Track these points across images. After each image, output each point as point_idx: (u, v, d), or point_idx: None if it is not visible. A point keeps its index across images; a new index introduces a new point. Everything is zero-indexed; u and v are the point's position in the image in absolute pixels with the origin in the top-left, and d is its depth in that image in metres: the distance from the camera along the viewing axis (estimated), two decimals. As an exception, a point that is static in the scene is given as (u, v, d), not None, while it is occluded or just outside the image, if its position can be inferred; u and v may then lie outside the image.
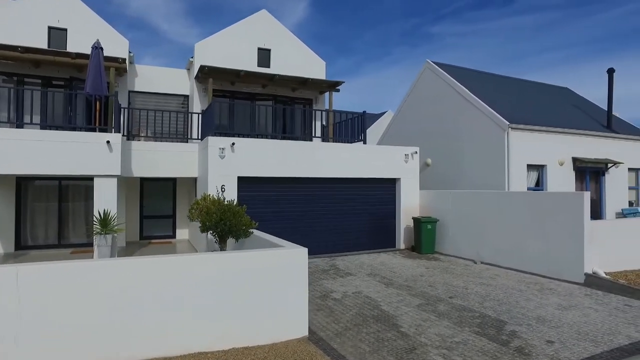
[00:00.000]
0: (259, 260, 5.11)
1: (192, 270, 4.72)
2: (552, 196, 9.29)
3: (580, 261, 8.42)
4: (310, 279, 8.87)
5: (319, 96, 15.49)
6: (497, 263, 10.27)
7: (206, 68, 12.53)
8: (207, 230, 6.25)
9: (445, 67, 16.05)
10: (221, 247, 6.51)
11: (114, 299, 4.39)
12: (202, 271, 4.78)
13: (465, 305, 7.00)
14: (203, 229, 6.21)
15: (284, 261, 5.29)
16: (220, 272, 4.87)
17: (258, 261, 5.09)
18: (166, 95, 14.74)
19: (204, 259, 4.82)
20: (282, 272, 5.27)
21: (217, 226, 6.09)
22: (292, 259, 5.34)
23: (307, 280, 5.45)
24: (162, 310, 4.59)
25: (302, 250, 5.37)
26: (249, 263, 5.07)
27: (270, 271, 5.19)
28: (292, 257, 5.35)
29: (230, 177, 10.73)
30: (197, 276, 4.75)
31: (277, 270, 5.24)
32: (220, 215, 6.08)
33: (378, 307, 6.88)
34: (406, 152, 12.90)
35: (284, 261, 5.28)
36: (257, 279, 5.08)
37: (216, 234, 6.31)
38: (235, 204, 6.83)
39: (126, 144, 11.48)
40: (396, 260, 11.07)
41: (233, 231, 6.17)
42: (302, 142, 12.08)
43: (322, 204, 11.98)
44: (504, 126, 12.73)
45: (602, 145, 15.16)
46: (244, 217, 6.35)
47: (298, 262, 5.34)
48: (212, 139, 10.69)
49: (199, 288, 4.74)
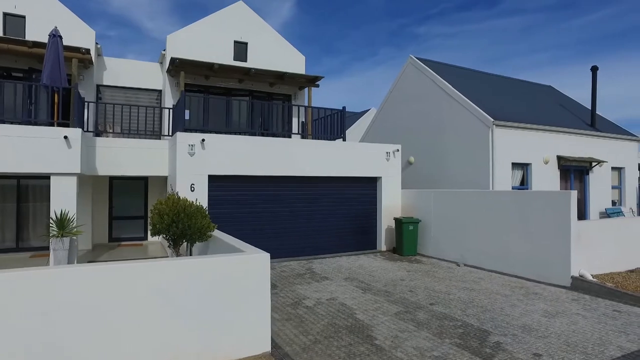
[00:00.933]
0: (213, 267, 4.52)
1: (132, 282, 4.10)
2: (537, 195, 8.89)
3: (567, 264, 8.02)
4: (284, 284, 8.32)
5: (298, 92, 14.91)
6: (481, 265, 9.84)
7: (177, 60, 11.85)
8: (158, 234, 5.60)
9: (429, 63, 15.63)
10: (176, 253, 5.87)
11: (41, 317, 3.76)
12: (145, 282, 4.17)
13: (446, 313, 6.51)
14: (153, 231, 5.56)
15: (243, 268, 4.72)
16: (167, 283, 4.27)
17: (212, 268, 4.51)
18: (138, 90, 13.99)
19: (148, 268, 4.21)
20: (240, 280, 4.69)
21: (169, 229, 5.46)
22: (252, 265, 4.77)
23: (268, 288, 4.89)
24: (96, 330, 3.97)
25: (262, 256, 4.80)
26: (201, 271, 4.48)
27: (227, 280, 4.61)
28: (252, 264, 4.77)
29: (201, 176, 10.11)
30: (139, 288, 4.14)
31: (234, 279, 4.66)
32: (172, 217, 5.44)
33: (353, 316, 6.34)
34: (388, 149, 12.41)
35: (242, 268, 4.70)
36: (212, 289, 4.50)
37: (169, 237, 5.67)
38: (193, 203, 6.19)
39: (91, 140, 10.76)
40: (376, 263, 10.56)
41: (187, 234, 5.54)
42: (278, 138, 11.51)
43: (300, 204, 11.43)
44: (488, 123, 12.34)
45: (586, 144, 14.91)
46: (200, 218, 5.72)
47: (258, 268, 4.77)
48: (180, 134, 10.05)
49: (141, 302, 4.13)
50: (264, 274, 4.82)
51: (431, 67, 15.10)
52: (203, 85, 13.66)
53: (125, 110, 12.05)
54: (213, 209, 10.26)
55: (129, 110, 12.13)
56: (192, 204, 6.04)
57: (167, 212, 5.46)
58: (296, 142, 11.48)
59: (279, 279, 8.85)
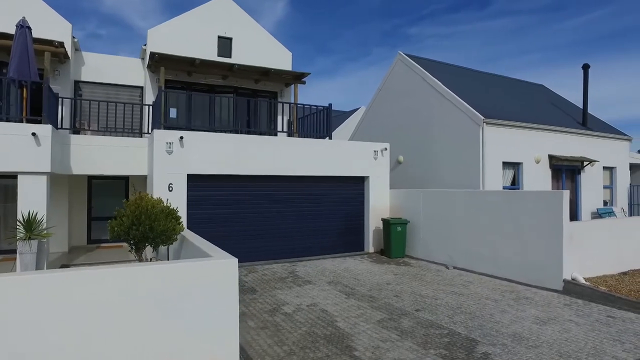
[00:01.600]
0: (170, 274, 4.09)
1: (67, 293, 3.65)
2: (529, 195, 8.56)
3: (559, 266, 7.70)
4: (264, 288, 7.91)
5: (284, 89, 14.50)
6: (471, 268, 9.50)
7: (156, 55, 11.39)
8: (118, 238, 5.13)
9: (418, 59, 15.28)
10: (138, 258, 5.42)
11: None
12: (97, 292, 3.74)
13: (433, 320, 6.14)
14: (111, 235, 5.08)
15: (206, 275, 4.30)
16: (122, 292, 3.85)
17: (169, 276, 4.08)
18: (118, 87, 13.49)
19: (99, 276, 3.78)
20: (203, 288, 4.27)
21: (129, 232, 5.01)
22: (217, 271, 4.36)
23: (236, 296, 4.47)
24: (24, 347, 3.53)
25: (229, 262, 4.39)
26: (161, 279, 4.06)
27: (188, 288, 4.19)
28: (217, 270, 4.36)
29: (179, 175, 9.68)
30: (89, 299, 3.71)
31: (197, 287, 4.24)
32: (132, 219, 4.98)
33: (333, 324, 5.95)
34: (375, 148, 12.04)
35: (205, 275, 4.28)
36: (174, 299, 4.08)
37: (131, 241, 5.21)
38: (160, 204, 5.75)
39: (65, 137, 10.24)
40: (363, 265, 10.18)
41: (149, 238, 5.09)
42: (262, 137, 11.10)
43: (284, 205, 11.02)
44: (478, 121, 12.01)
45: (578, 143, 14.65)
46: (164, 220, 5.26)
47: (225, 275, 4.36)
48: (157, 132, 9.61)
49: (79, 316, 3.68)
50: (231, 281, 4.41)
51: (421, 64, 14.76)
52: (185, 82, 13.21)
53: (104, 107, 11.55)
54: (192, 209, 9.83)
55: (107, 107, 11.62)
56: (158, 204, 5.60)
57: (126, 214, 5.00)
58: (281, 141, 11.08)
59: (259, 282, 8.44)
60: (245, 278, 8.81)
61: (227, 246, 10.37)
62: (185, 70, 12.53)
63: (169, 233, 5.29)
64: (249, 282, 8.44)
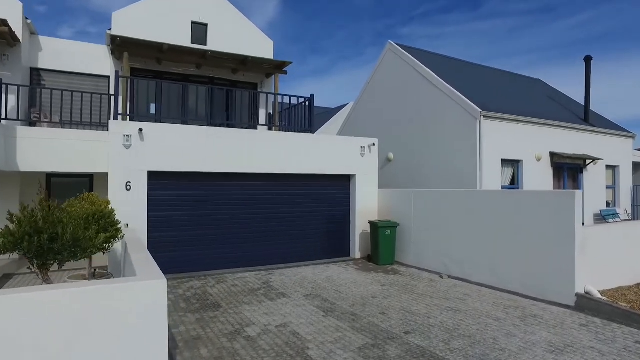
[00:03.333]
0: (69, 299, 2.97)
1: None
2: (534, 196, 7.50)
3: (571, 278, 6.65)
4: (230, 303, 6.79)
5: (265, 80, 13.36)
6: (468, 277, 8.44)
7: (118, 39, 10.21)
8: (9, 252, 3.92)
9: (410, 49, 14.23)
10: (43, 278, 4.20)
11: None
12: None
13: (425, 347, 5.05)
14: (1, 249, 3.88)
15: (123, 300, 3.19)
16: (17, 324, 2.72)
17: (67, 302, 2.96)
18: (83, 76, 12.20)
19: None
20: (120, 316, 3.16)
21: (20, 245, 3.80)
22: (137, 297, 3.24)
23: (164, 326, 3.36)
24: None
25: (154, 284, 3.28)
26: (66, 305, 2.94)
27: (105, 318, 3.08)
28: (137, 295, 3.25)
29: (139, 172, 8.53)
30: None
31: (116, 316, 3.13)
32: (26, 227, 3.76)
33: (303, 353, 4.85)
34: (362, 144, 10.95)
35: (121, 300, 3.17)
36: (83, 330, 2.96)
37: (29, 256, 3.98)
38: (83, 206, 4.59)
39: (11, 130, 9.01)
40: (347, 274, 9.09)
41: (52, 252, 3.89)
42: (237, 130, 9.99)
43: (261, 206, 9.90)
44: (475, 114, 10.96)
45: (580, 140, 13.68)
46: (80, 229, 4.06)
47: (148, 301, 3.25)
48: (114, 123, 8.48)
49: None
50: (156, 308, 3.30)
51: (413, 54, 13.69)
52: (156, 71, 12.02)
53: (66, 97, 10.30)
54: (154, 211, 8.69)
55: (70, 96, 10.37)
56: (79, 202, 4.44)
57: (22, 220, 3.80)
58: (258, 134, 9.94)
59: (226, 295, 7.31)
60: (211, 290, 7.69)
61: (194, 254, 9.30)
62: (153, 57, 11.35)
63: (83, 243, 4.10)
64: (214, 295, 7.31)
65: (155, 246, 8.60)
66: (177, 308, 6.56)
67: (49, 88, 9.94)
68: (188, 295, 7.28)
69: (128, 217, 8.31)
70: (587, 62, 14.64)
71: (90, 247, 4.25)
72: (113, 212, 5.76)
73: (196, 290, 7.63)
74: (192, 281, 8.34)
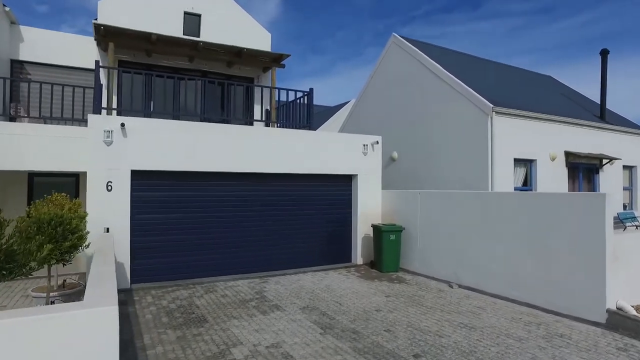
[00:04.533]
0: None
1: None
2: (557, 199, 6.74)
3: (601, 291, 5.89)
4: (217, 318, 6.06)
5: (262, 75, 12.61)
6: (481, 287, 7.68)
7: (102, 28, 9.50)
8: None
9: (416, 43, 13.47)
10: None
11: None
12: None
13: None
14: None
15: (61, 336, 2.45)
16: None
17: None
18: (69, 69, 11.47)
19: None
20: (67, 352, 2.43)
21: None
22: (80, 330, 2.51)
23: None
24: None
25: (99, 313, 2.55)
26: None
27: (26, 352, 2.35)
28: (80, 328, 2.51)
29: (121, 171, 7.81)
30: None
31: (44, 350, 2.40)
32: None
33: (296, 384, 4.11)
34: (365, 142, 10.21)
35: (56, 334, 2.44)
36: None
37: None
38: (29, 212, 3.86)
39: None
40: (348, 283, 8.34)
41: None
42: (228, 125, 9.22)
43: (257, 208, 9.17)
44: (487, 110, 10.20)
45: (596, 139, 12.89)
46: (20, 240, 3.34)
47: (91, 333, 2.52)
48: (93, 118, 7.77)
49: None
50: (102, 340, 2.56)
51: (419, 47, 12.94)
52: (145, 64, 11.29)
53: (47, 91, 9.57)
54: (138, 214, 7.97)
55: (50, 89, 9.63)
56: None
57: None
58: (253, 131, 9.22)
59: (214, 308, 6.58)
60: (198, 301, 6.96)
61: (182, 260, 8.52)
62: (142, 49, 10.63)
63: (21, 258, 3.36)
64: (201, 308, 6.58)
65: (138, 252, 7.90)
66: (157, 324, 5.83)
67: (27, 81, 9.23)
68: (172, 308, 6.56)
69: (108, 220, 7.61)
70: (604, 56, 13.85)
71: (29, 262, 3.53)
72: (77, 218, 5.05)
73: (182, 302, 6.90)
74: (178, 290, 7.61)
